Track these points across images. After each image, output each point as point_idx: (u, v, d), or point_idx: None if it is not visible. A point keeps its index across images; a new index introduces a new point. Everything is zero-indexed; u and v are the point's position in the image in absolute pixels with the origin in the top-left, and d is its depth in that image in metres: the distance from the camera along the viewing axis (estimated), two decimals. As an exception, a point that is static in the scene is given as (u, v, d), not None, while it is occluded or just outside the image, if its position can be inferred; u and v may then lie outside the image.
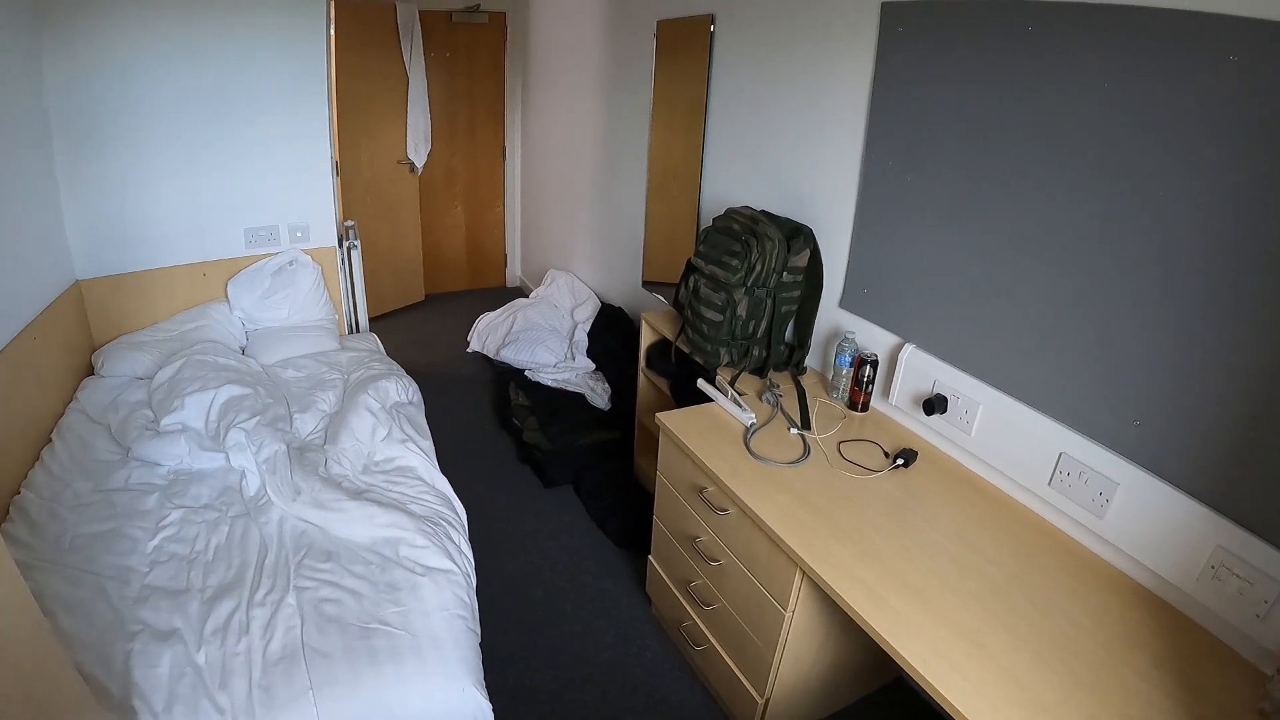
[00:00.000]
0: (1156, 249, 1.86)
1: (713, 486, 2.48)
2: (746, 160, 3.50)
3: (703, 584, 2.67)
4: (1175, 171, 1.80)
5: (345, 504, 2.73)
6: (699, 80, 3.73)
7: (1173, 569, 1.90)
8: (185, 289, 4.16)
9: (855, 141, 2.79)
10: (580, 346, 5.02)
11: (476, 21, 6.49)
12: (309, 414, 3.43)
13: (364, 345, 4.32)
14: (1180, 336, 1.85)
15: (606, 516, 3.78)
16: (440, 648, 2.22)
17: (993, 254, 2.31)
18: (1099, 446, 2.06)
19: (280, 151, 4.23)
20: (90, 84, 3.61)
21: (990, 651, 1.74)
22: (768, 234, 2.82)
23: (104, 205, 3.80)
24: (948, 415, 2.49)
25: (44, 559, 2.45)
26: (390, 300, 6.60)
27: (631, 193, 4.72)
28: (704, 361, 3.07)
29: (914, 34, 2.48)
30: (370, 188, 6.11)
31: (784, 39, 3.13)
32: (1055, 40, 2.02)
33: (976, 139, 2.30)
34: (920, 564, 2.03)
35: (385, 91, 6.08)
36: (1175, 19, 1.74)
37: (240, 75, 3.99)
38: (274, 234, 4.37)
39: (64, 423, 3.24)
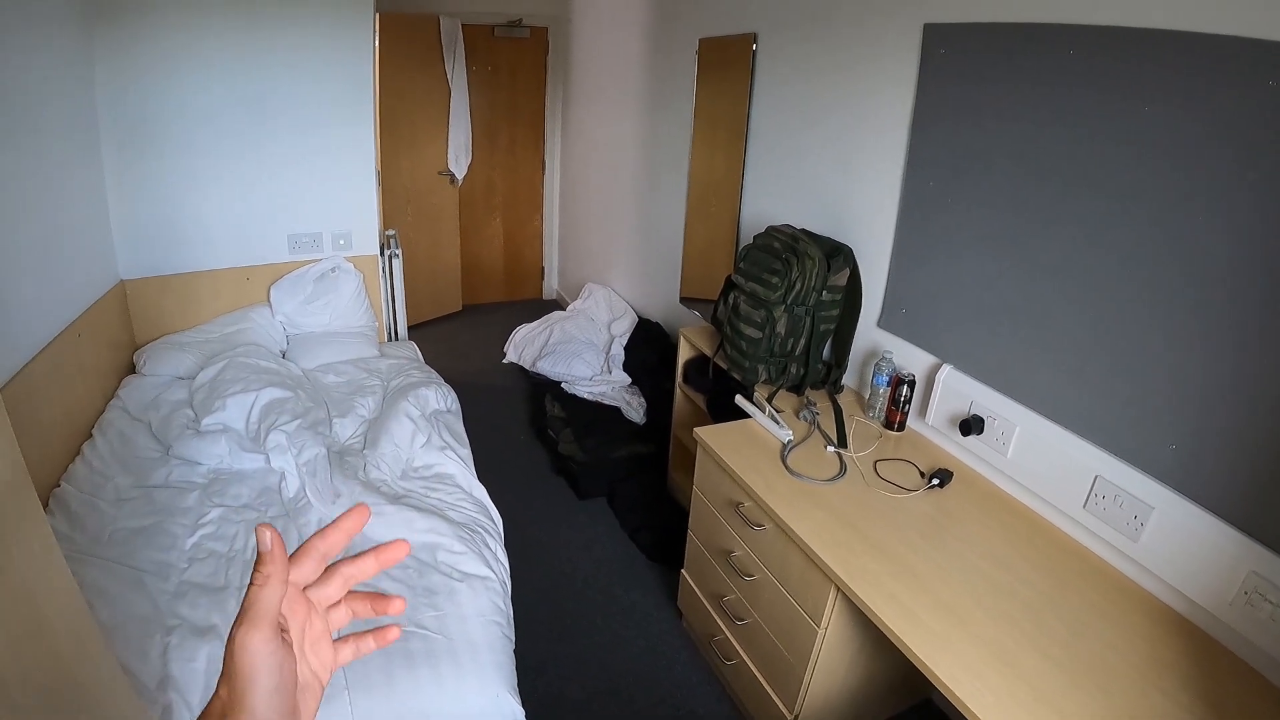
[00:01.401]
0: (1192, 274, 1.87)
1: (749, 502, 2.50)
2: (787, 178, 3.52)
3: (735, 599, 2.68)
4: (1212, 195, 1.80)
5: (384, 508, 2.77)
6: (740, 98, 3.76)
7: (1205, 593, 1.90)
8: (228, 292, 4.23)
9: (896, 162, 2.80)
10: (617, 360, 5.04)
11: (519, 36, 6.55)
12: (349, 419, 3.48)
13: (403, 353, 4.37)
14: (1214, 361, 1.85)
15: (639, 529, 3.79)
16: (476, 653, 2.25)
17: (1031, 276, 2.31)
18: (1134, 470, 2.06)
19: (325, 159, 4.29)
20: (140, 88, 3.69)
21: (1022, 671, 1.75)
22: (808, 252, 2.83)
23: (150, 207, 3.88)
24: (984, 436, 2.49)
25: (83, 551, 2.50)
26: (428, 309, 6.65)
27: (671, 209, 4.74)
28: (742, 378, 3.09)
29: (956, 56, 2.50)
30: (411, 198, 6.17)
31: (826, 58, 3.15)
32: (1096, 64, 2.03)
33: (1017, 161, 2.30)
34: (954, 583, 2.03)
35: (427, 103, 6.15)
36: (1215, 44, 1.75)
37: (287, 84, 4.06)
38: (317, 241, 4.42)
39: (105, 419, 3.30)
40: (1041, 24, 2.17)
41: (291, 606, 0.69)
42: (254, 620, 0.64)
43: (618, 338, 5.24)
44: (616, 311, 5.58)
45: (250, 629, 0.64)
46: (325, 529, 0.72)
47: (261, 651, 0.64)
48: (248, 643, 0.64)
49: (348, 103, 4.26)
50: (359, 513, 0.74)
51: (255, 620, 0.64)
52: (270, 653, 0.65)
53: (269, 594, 0.65)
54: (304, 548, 0.71)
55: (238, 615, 0.64)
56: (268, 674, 0.65)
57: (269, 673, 0.65)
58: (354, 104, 4.28)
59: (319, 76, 4.13)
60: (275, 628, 0.66)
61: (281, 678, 0.66)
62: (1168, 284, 1.93)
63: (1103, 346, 2.12)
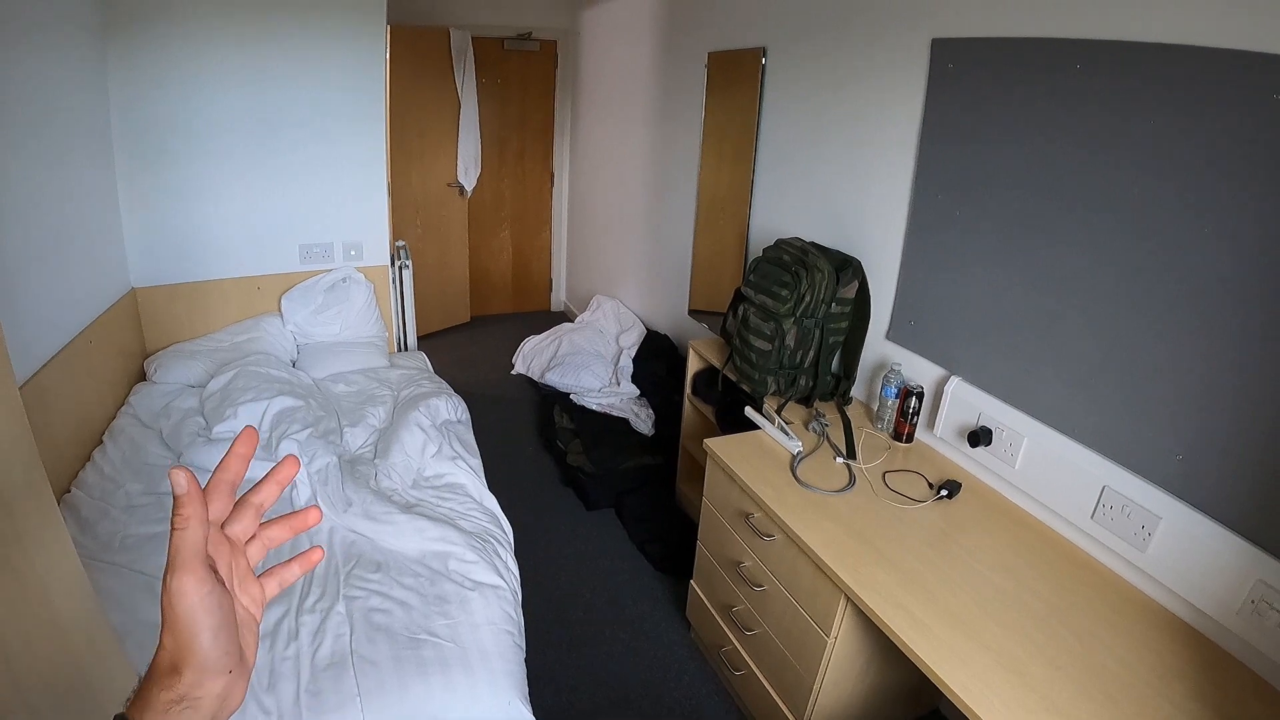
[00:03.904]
0: (1197, 287, 1.88)
1: (759, 512, 2.51)
2: (796, 191, 3.54)
3: (745, 609, 2.69)
4: (1217, 209, 1.81)
5: (396, 517, 2.78)
6: (749, 112, 3.78)
7: (1213, 603, 1.90)
8: (239, 301, 4.26)
9: (905, 175, 2.82)
10: (625, 372, 5.05)
11: (528, 48, 6.60)
12: (359, 428, 3.49)
13: (413, 363, 4.39)
14: (1220, 372, 1.86)
15: (647, 540, 3.80)
16: (488, 661, 2.26)
17: (1038, 289, 2.32)
18: (1142, 480, 2.06)
19: (336, 170, 4.33)
20: (152, 98, 3.73)
21: (1031, 680, 1.75)
22: (817, 265, 2.85)
23: (162, 216, 3.92)
24: (992, 448, 2.50)
25: (94, 556, 2.52)
26: (436, 320, 6.68)
27: (679, 221, 4.77)
28: (751, 390, 3.10)
29: (964, 71, 2.52)
30: (420, 209, 6.21)
31: (835, 72, 3.17)
32: (1103, 79, 2.05)
33: (1025, 175, 2.32)
34: (963, 593, 2.04)
35: (437, 115, 6.20)
36: (1220, 58, 1.76)
37: (299, 95, 4.10)
38: (328, 251, 4.45)
39: (116, 425, 3.32)
40: (1048, 39, 2.19)
41: (215, 546, 0.69)
42: (184, 564, 0.64)
43: (626, 350, 5.25)
44: (625, 324, 5.60)
45: (182, 573, 0.64)
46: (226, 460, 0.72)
47: (198, 593, 0.64)
48: (183, 587, 0.64)
49: (359, 114, 4.30)
50: (289, 464, 0.76)
51: (185, 564, 0.64)
52: (207, 593, 0.65)
53: (192, 535, 0.65)
54: (212, 483, 0.71)
55: (166, 564, 0.64)
56: (207, 614, 0.65)
57: (209, 612, 0.65)
58: (365, 115, 4.32)
59: (331, 88, 4.16)
60: (206, 567, 0.66)
61: (223, 616, 0.67)
62: (1174, 297, 1.94)
63: (1109, 358, 2.13)
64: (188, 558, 0.64)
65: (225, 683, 0.67)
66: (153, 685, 0.64)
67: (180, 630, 0.64)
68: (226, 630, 0.67)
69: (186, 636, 0.64)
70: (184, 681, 0.64)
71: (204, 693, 0.65)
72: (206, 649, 0.65)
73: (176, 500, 0.64)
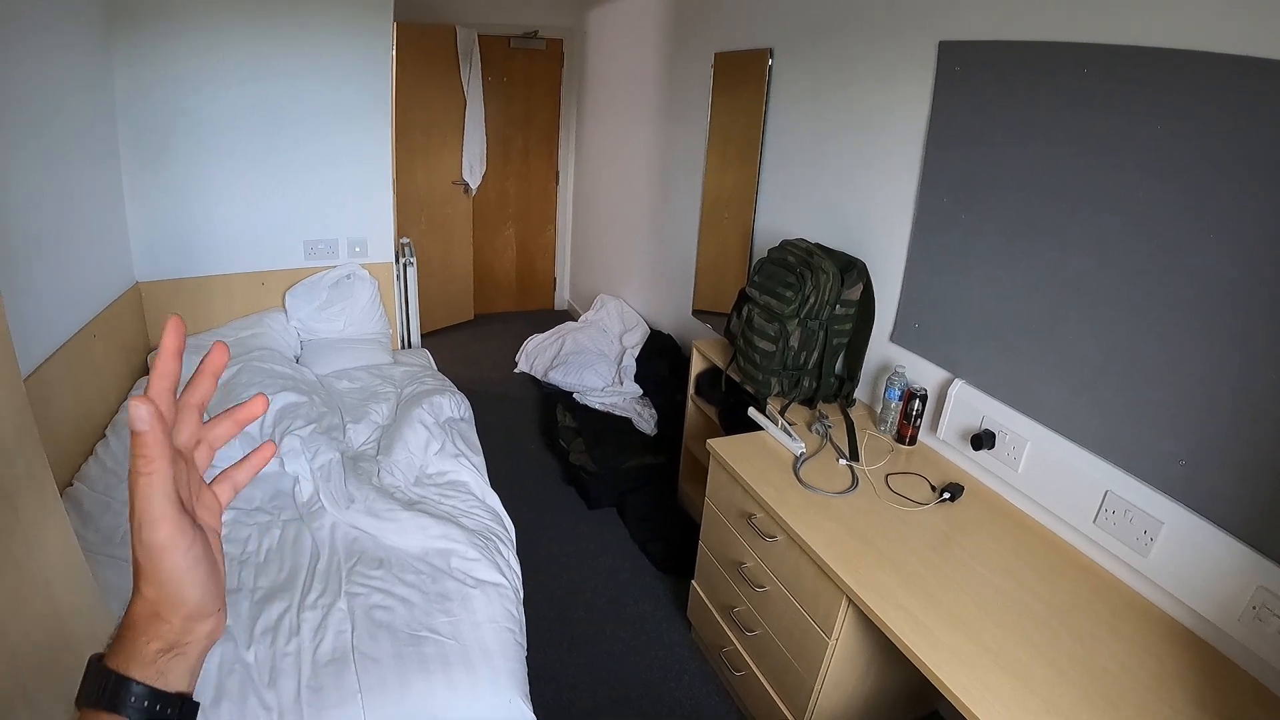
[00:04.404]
0: (1201, 292, 1.88)
1: (761, 513, 2.51)
2: (801, 193, 3.54)
3: (746, 610, 2.69)
4: (1222, 214, 1.81)
5: (399, 514, 2.79)
6: (755, 113, 3.78)
7: (1214, 608, 1.90)
8: (243, 297, 4.26)
9: (910, 178, 2.82)
10: (628, 371, 5.06)
11: (534, 47, 6.60)
12: (362, 424, 3.49)
13: (417, 360, 4.40)
14: (1223, 377, 1.86)
15: (649, 540, 3.80)
16: (490, 659, 2.26)
17: (1043, 292, 2.33)
18: (1144, 485, 2.06)
19: (342, 167, 4.33)
20: (158, 94, 3.73)
21: (1032, 684, 1.75)
22: (822, 267, 2.85)
23: (167, 211, 3.92)
24: (995, 451, 2.50)
25: (95, 549, 2.52)
26: (440, 318, 6.69)
27: (684, 221, 4.77)
28: (755, 391, 3.10)
29: (971, 74, 2.52)
30: (425, 207, 6.21)
31: (841, 75, 3.17)
32: (1109, 83, 2.05)
33: (1030, 178, 2.32)
34: (964, 596, 2.04)
35: (443, 113, 6.20)
36: (1227, 64, 1.76)
37: (305, 92, 4.10)
38: (333, 247, 4.45)
39: (119, 419, 3.33)
40: (1056, 43, 2.19)
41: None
42: (160, 515, 0.60)
43: (629, 349, 5.26)
44: (628, 323, 5.61)
45: (160, 527, 0.60)
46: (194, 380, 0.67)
47: (179, 545, 0.61)
48: (164, 542, 0.60)
49: (365, 111, 4.29)
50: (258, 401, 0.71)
51: (161, 515, 0.60)
52: (189, 544, 0.62)
53: (162, 480, 0.59)
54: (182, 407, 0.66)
55: (134, 513, 0.60)
56: (193, 566, 0.62)
57: (195, 564, 0.63)
58: (371, 112, 4.32)
59: (337, 85, 4.16)
60: (182, 513, 0.62)
61: (206, 561, 0.64)
62: (1177, 301, 1.94)
63: (1113, 362, 2.13)
64: (162, 506, 0.60)
65: (213, 621, 0.66)
66: (137, 636, 0.62)
67: (165, 584, 0.61)
68: (210, 573, 0.65)
69: (173, 589, 0.62)
70: (173, 630, 0.63)
71: (193, 637, 0.64)
72: (197, 599, 0.63)
73: (139, 439, 0.58)
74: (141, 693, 0.60)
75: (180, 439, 0.66)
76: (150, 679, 0.61)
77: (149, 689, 0.60)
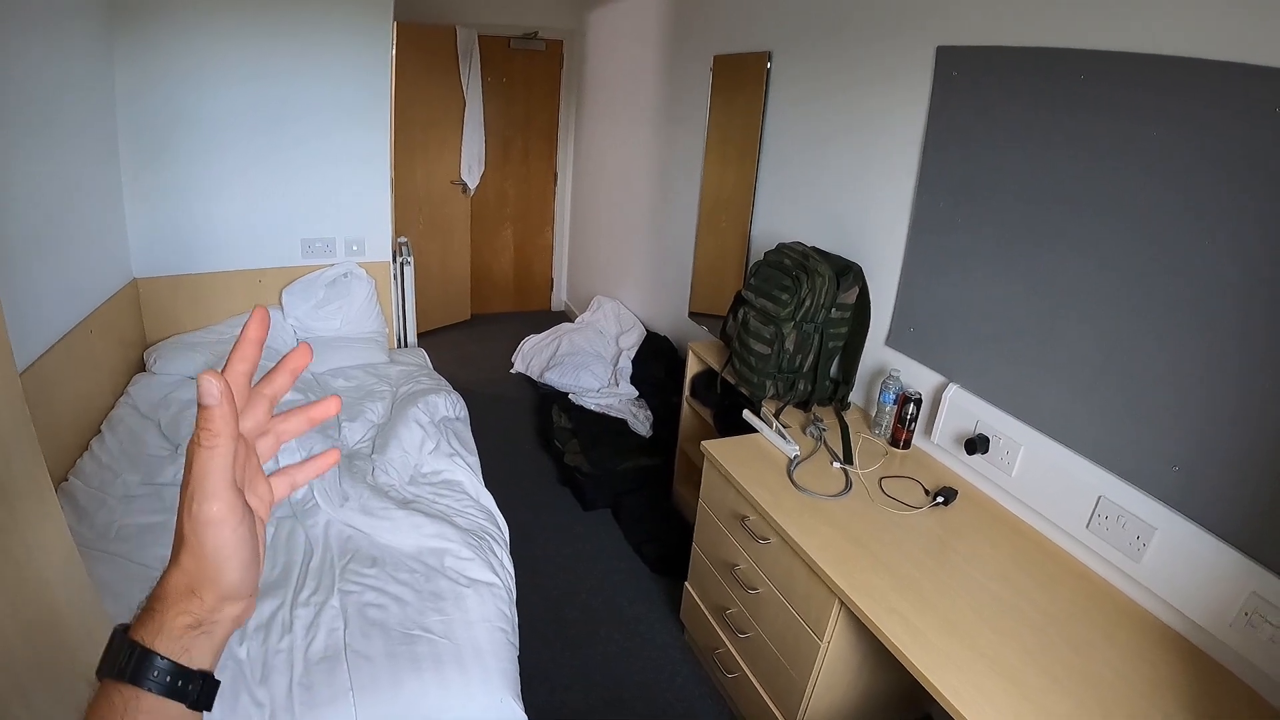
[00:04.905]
0: (1198, 298, 1.88)
1: (755, 515, 2.51)
2: (799, 196, 3.55)
3: (739, 612, 2.69)
4: (1219, 220, 1.82)
5: (393, 513, 2.79)
6: (753, 116, 3.79)
7: (1206, 614, 1.91)
8: (240, 294, 4.26)
9: (907, 182, 2.82)
10: (624, 373, 5.06)
11: (534, 48, 6.61)
12: (358, 423, 3.50)
13: (413, 360, 4.40)
14: (1219, 384, 1.86)
15: (644, 541, 3.80)
16: (482, 658, 2.26)
17: (1039, 297, 2.33)
18: (1137, 491, 2.07)
19: (340, 166, 4.33)
20: (158, 91, 3.74)
21: (1025, 689, 1.75)
22: (818, 270, 2.85)
23: (165, 207, 3.92)
24: (989, 455, 2.50)
25: (90, 546, 2.52)
26: (437, 318, 6.69)
27: (682, 223, 4.77)
28: (750, 393, 3.10)
29: (968, 79, 2.52)
30: (423, 206, 6.22)
31: (839, 78, 3.18)
32: (1107, 89, 2.05)
33: (1027, 184, 2.32)
34: (957, 600, 2.05)
35: (442, 113, 6.20)
36: (1224, 70, 1.77)
37: (305, 90, 4.10)
38: (330, 246, 4.46)
39: (115, 415, 3.33)
40: (1053, 49, 2.19)
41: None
42: (214, 490, 0.59)
43: (626, 350, 5.26)
44: (625, 324, 5.61)
45: (213, 501, 0.59)
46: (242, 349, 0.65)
47: (230, 523, 0.61)
48: (214, 517, 0.60)
49: (364, 110, 4.30)
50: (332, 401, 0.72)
51: (215, 490, 0.59)
52: (237, 521, 0.61)
53: (223, 456, 0.59)
54: (255, 395, 0.67)
55: (188, 484, 0.59)
56: (240, 545, 0.62)
57: (242, 543, 0.62)
58: (370, 111, 4.32)
59: (336, 84, 4.17)
60: (237, 492, 0.61)
61: (252, 544, 0.64)
62: (1174, 307, 1.95)
63: (1107, 368, 2.13)
64: (218, 482, 0.60)
65: (244, 604, 0.65)
66: (166, 609, 0.61)
67: (206, 559, 0.61)
68: (252, 556, 0.65)
69: (213, 566, 0.61)
70: (204, 606, 0.62)
71: (223, 617, 0.63)
72: (235, 581, 0.63)
73: (205, 413, 0.58)
74: (165, 667, 0.60)
75: (246, 425, 0.66)
76: (175, 654, 0.60)
77: (173, 664, 0.60)
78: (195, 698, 0.61)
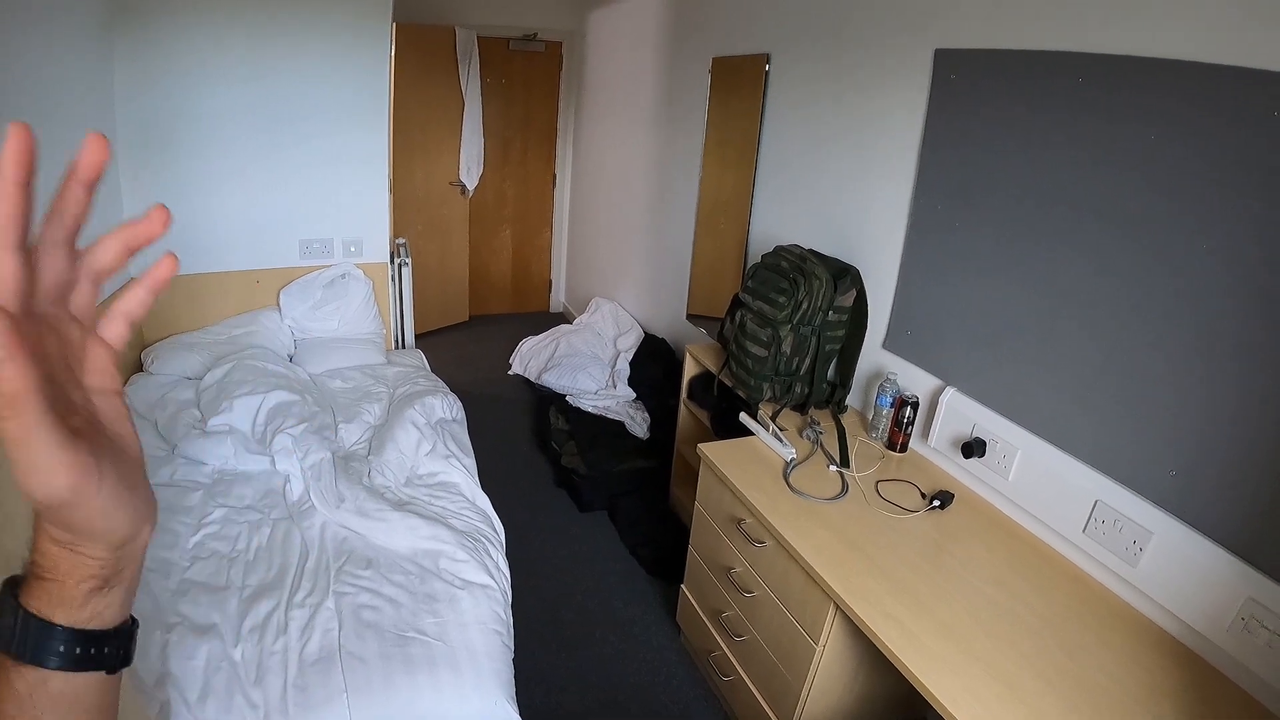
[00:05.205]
0: (1195, 302, 1.88)
1: (751, 518, 2.51)
2: (796, 199, 3.55)
3: (734, 615, 2.69)
4: (1217, 223, 1.82)
5: (388, 514, 2.78)
6: (752, 118, 3.79)
7: (1203, 619, 1.90)
8: (238, 295, 4.26)
9: (905, 185, 2.82)
10: (622, 375, 5.05)
11: (533, 49, 6.61)
12: (354, 424, 3.49)
13: (410, 361, 4.39)
14: (1216, 388, 1.86)
15: (640, 543, 3.80)
16: (476, 660, 2.26)
17: (1036, 301, 2.33)
18: (1134, 495, 2.06)
19: (338, 167, 4.33)
20: (157, 91, 3.74)
21: (1020, 694, 1.75)
22: (815, 273, 2.85)
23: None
24: (986, 459, 2.50)
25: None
26: (435, 319, 6.68)
27: (680, 226, 4.77)
28: (747, 396, 3.10)
29: (966, 82, 2.52)
30: (421, 207, 6.21)
31: (837, 81, 3.18)
32: (1104, 93, 2.05)
33: (1025, 187, 2.32)
34: (953, 604, 2.04)
35: (441, 114, 6.20)
36: (1221, 74, 1.77)
37: (303, 91, 4.10)
38: (328, 247, 4.45)
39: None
40: (1051, 52, 2.19)
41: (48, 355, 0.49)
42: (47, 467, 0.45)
43: (623, 353, 5.25)
44: (623, 326, 5.60)
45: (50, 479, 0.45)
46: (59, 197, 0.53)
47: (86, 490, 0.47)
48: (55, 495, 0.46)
49: (363, 111, 4.30)
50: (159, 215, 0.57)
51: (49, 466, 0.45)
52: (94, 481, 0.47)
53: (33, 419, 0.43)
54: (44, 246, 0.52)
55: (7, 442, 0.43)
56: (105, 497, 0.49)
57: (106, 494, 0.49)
58: (369, 112, 4.32)
59: (335, 84, 4.17)
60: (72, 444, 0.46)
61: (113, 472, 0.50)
62: (1171, 311, 1.94)
63: (1105, 372, 2.13)
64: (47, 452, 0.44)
65: (145, 531, 0.55)
66: (63, 578, 0.51)
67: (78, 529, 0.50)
68: (130, 484, 0.51)
69: (90, 531, 0.50)
70: (105, 563, 0.52)
71: (126, 559, 0.54)
72: (125, 526, 0.52)
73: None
74: (70, 639, 0.51)
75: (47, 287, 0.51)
76: (82, 622, 0.52)
77: (79, 634, 0.51)
78: (114, 659, 0.54)
